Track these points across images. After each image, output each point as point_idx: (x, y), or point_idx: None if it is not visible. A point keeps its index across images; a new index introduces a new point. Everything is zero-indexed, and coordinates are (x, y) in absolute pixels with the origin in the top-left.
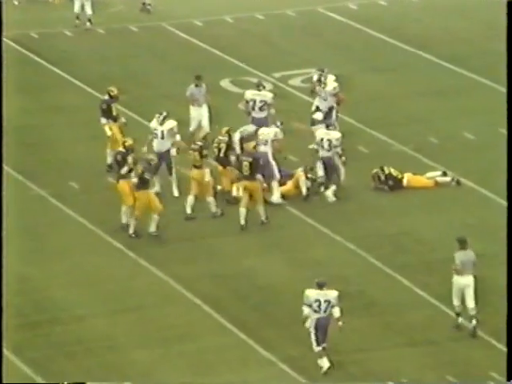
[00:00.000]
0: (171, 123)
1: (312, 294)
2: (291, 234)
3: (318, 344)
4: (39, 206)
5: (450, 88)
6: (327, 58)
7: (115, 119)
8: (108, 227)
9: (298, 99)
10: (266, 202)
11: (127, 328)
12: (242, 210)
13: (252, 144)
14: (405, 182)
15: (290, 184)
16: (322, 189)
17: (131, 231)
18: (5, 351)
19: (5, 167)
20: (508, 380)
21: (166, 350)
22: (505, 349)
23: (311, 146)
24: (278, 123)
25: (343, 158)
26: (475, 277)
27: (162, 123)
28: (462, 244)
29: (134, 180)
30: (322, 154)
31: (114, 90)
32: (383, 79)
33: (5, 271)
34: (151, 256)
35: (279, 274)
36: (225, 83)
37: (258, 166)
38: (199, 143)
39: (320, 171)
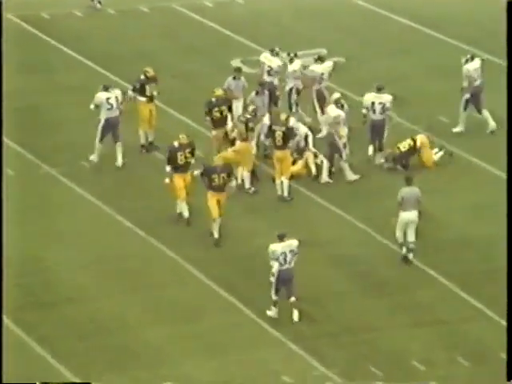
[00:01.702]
0: (118, 92)
1: (277, 247)
2: (302, 213)
3: (277, 293)
4: (50, 185)
5: (460, 68)
6: (337, 39)
7: (150, 99)
8: (119, 206)
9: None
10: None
11: (138, 308)
12: (278, 182)
13: (284, 116)
14: (418, 143)
15: (299, 164)
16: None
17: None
18: (17, 330)
19: (15, 146)
20: (508, 380)
21: (176, 330)
22: None
23: (363, 110)
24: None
25: (393, 121)
26: (420, 212)
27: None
28: (408, 181)
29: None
30: (374, 117)
31: (150, 71)
32: (393, 60)
33: (17, 251)
34: (162, 236)
35: None
36: (235, 63)
37: (290, 136)
38: (247, 116)
39: (368, 134)
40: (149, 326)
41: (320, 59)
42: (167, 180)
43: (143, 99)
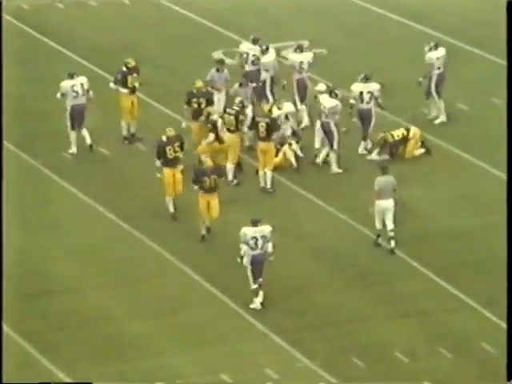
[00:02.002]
0: (84, 79)
1: (249, 231)
2: (285, 205)
3: (255, 281)
4: (32, 176)
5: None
6: (322, 30)
7: (132, 91)
8: (102, 198)
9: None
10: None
11: (122, 300)
12: (261, 174)
13: (267, 107)
14: (411, 134)
15: (279, 156)
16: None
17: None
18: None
19: None
20: (508, 380)
21: (160, 322)
22: (503, 324)
23: (351, 101)
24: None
25: (382, 108)
26: (395, 200)
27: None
28: (383, 170)
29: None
30: (361, 106)
31: (132, 62)
32: (378, 52)
33: None
34: (146, 228)
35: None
36: (217, 55)
37: (274, 127)
38: (236, 108)
39: (358, 123)
40: (133, 318)
41: (299, 48)
42: (159, 174)
43: (125, 91)
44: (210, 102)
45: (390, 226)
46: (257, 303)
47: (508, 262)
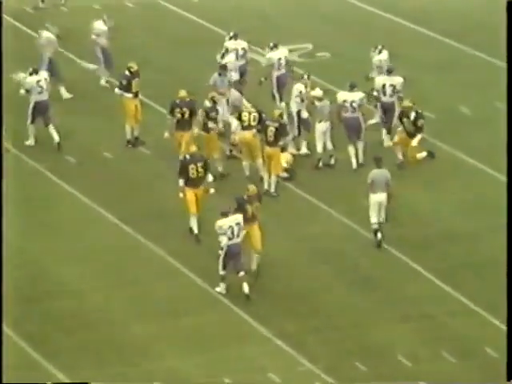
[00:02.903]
0: (45, 74)
1: (224, 222)
2: (287, 208)
3: (224, 268)
4: (35, 180)
5: (445, 62)
6: (321, 32)
7: (136, 95)
8: (105, 201)
9: (294, 73)
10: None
11: (124, 303)
12: (266, 177)
13: (278, 112)
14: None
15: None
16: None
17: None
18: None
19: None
20: (508, 380)
21: (162, 325)
22: (504, 327)
23: (374, 93)
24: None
25: (405, 103)
26: (389, 194)
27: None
28: (378, 163)
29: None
30: (384, 99)
31: (134, 66)
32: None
33: (0, 245)
34: (148, 230)
35: (276, 249)
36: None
37: (283, 133)
38: (208, 104)
39: (377, 117)
40: (134, 321)
41: (275, 46)
42: (181, 194)
43: (129, 95)
44: (193, 112)
45: (381, 217)
46: (222, 287)
47: (508, 265)
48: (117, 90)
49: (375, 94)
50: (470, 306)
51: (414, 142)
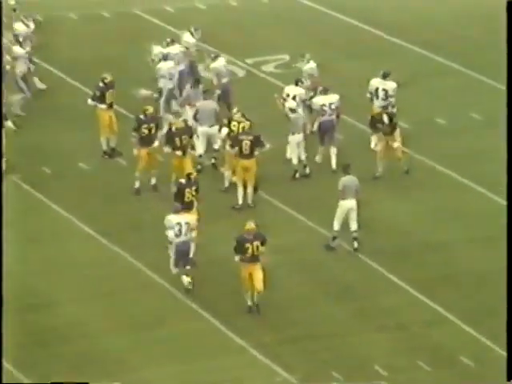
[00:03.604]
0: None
1: (173, 218)
2: (265, 219)
3: (176, 266)
4: (11, 191)
5: (421, 73)
6: (300, 44)
7: (110, 106)
8: (81, 213)
9: (271, 85)
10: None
11: (100, 314)
12: (240, 190)
13: (247, 124)
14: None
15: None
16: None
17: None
18: None
19: None
20: (508, 380)
21: (139, 337)
22: (480, 336)
23: (368, 95)
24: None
25: (394, 110)
26: (358, 201)
27: None
28: (346, 169)
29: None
30: (376, 103)
31: (108, 77)
32: (356, 65)
33: None
34: (124, 242)
35: None
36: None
37: (258, 144)
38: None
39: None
40: (110, 332)
41: (216, 57)
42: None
43: (103, 106)
44: (158, 127)
45: (353, 226)
46: (185, 281)
47: (508, 273)
48: (90, 101)
49: (368, 95)
50: (446, 317)
51: (396, 140)
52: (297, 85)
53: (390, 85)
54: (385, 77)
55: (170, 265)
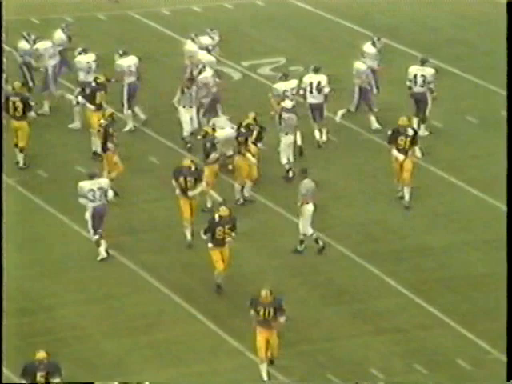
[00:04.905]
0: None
1: (85, 185)
2: (260, 222)
3: (95, 233)
4: (7, 194)
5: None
6: (295, 47)
7: (98, 107)
8: (76, 216)
9: (267, 88)
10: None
11: (96, 318)
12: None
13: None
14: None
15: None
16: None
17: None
18: None
19: None
20: (508, 380)
21: (135, 340)
22: (479, 341)
23: (407, 83)
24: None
25: (434, 94)
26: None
27: None
28: (304, 172)
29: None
30: (415, 89)
31: (101, 78)
32: (351, 69)
33: None
34: (120, 244)
35: (249, 263)
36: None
37: (207, 150)
38: (104, 121)
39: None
40: (107, 336)
41: (125, 53)
42: (210, 245)
43: (92, 107)
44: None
45: (310, 230)
46: (102, 253)
47: (508, 278)
48: (80, 98)
49: (408, 83)
50: (443, 319)
51: (418, 152)
52: (285, 80)
53: (429, 71)
54: (423, 63)
55: (89, 232)
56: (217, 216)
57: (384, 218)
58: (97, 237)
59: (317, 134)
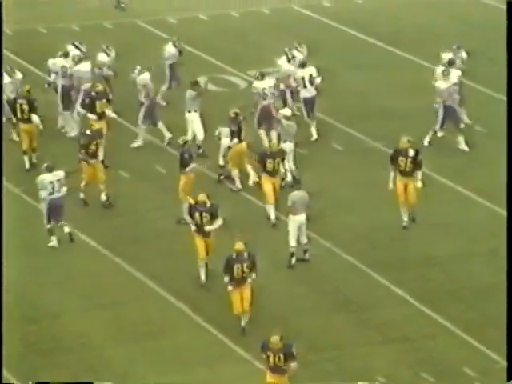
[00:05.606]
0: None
1: (46, 177)
2: (264, 231)
3: (49, 222)
4: (13, 203)
5: (422, 84)
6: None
7: (100, 117)
8: (80, 224)
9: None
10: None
11: (102, 325)
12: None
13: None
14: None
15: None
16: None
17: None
18: None
19: None
20: (508, 380)
21: (140, 347)
22: (485, 349)
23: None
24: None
25: (458, 97)
26: (307, 215)
27: None
28: (297, 184)
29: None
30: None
31: (99, 86)
32: (357, 76)
33: None
34: (124, 253)
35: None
36: (201, 81)
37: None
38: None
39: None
40: (112, 343)
41: (81, 60)
42: (230, 288)
43: (93, 117)
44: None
45: (304, 240)
46: (54, 241)
47: (508, 285)
48: (80, 108)
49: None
50: (449, 328)
51: (418, 182)
52: (262, 79)
53: (455, 72)
54: (450, 64)
55: (44, 222)
56: (234, 254)
57: (389, 225)
58: (50, 226)
59: (313, 130)
